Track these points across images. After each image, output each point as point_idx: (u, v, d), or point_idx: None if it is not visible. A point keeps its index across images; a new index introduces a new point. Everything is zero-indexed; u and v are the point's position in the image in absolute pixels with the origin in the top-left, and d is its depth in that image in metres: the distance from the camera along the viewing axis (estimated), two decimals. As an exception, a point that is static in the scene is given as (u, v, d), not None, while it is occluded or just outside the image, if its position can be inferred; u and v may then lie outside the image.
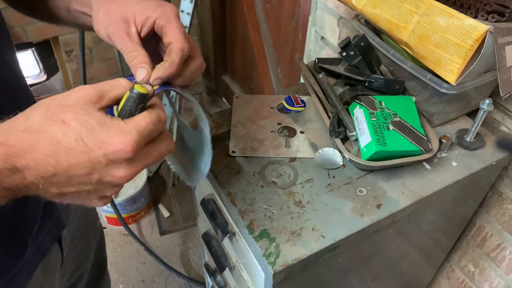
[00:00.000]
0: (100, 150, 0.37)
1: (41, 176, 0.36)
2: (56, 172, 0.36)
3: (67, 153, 0.36)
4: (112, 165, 0.38)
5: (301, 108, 0.80)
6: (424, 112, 0.75)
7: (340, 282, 0.76)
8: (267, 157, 0.71)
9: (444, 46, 0.62)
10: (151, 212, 1.88)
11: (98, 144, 0.37)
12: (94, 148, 0.37)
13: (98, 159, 0.37)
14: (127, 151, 0.37)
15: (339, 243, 0.59)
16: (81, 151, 0.36)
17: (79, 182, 0.38)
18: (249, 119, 0.78)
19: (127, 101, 0.40)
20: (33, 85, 2.13)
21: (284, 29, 1.61)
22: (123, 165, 0.38)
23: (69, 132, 0.36)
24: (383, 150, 0.63)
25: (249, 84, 2.12)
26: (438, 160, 0.71)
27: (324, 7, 1.12)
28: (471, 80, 0.66)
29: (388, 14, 0.70)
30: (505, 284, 0.91)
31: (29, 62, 2.09)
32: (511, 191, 0.82)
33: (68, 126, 0.36)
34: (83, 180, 0.38)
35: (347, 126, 0.70)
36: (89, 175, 0.38)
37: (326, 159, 0.70)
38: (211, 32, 2.26)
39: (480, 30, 0.59)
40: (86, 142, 0.37)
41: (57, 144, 0.36)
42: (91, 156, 0.37)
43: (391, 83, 0.73)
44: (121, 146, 0.37)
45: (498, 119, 0.80)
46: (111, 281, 1.61)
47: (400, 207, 0.63)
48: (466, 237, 0.96)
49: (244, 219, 0.61)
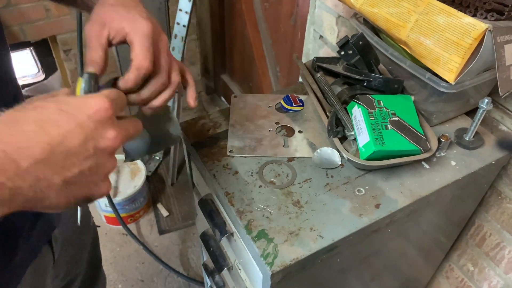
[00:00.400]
0: (83, 114, 0.36)
1: (36, 159, 0.33)
2: (52, 149, 0.34)
3: (55, 126, 0.35)
4: (101, 125, 0.37)
5: (300, 107, 0.79)
6: (423, 111, 0.74)
7: (339, 282, 0.76)
8: (265, 156, 0.70)
9: (443, 45, 0.62)
10: (150, 211, 1.88)
11: (78, 109, 0.37)
12: (77, 113, 0.36)
13: (85, 122, 0.36)
14: (106, 107, 0.38)
15: (338, 243, 0.59)
16: (66, 119, 0.36)
17: (79, 156, 0.36)
18: (247, 119, 0.78)
19: (84, 84, 0.44)
20: (31, 84, 2.13)
21: (282, 28, 1.61)
22: (110, 123, 0.38)
23: (47, 109, 0.36)
24: (381, 149, 0.63)
25: (248, 83, 2.11)
26: (437, 160, 0.71)
27: (322, 5, 1.11)
28: (470, 79, 0.66)
29: (386, 13, 0.69)
30: (504, 283, 0.91)
31: (27, 61, 2.09)
32: (510, 190, 0.81)
33: (43, 106, 0.36)
34: (82, 152, 0.36)
35: (345, 125, 0.70)
36: (84, 144, 0.36)
37: (324, 159, 0.70)
38: (210, 31, 2.25)
39: (479, 29, 0.58)
40: (67, 111, 0.36)
41: (42, 121, 0.35)
42: (78, 120, 0.36)
43: (390, 82, 0.73)
44: (98, 105, 0.37)
45: (497, 118, 0.80)
46: (110, 280, 1.61)
47: (399, 207, 0.63)
48: (465, 237, 0.96)
49: (242, 219, 0.60)
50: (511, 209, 0.83)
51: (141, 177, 1.74)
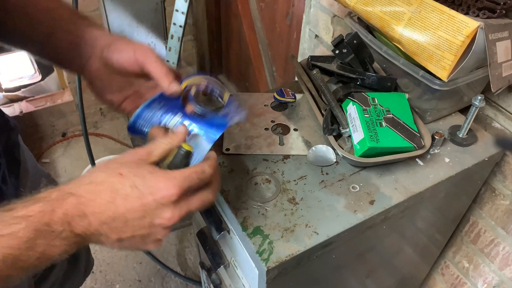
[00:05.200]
0: (151, 195, 0.44)
1: (103, 221, 0.43)
2: (115, 217, 0.43)
3: (124, 199, 0.43)
4: (161, 207, 0.44)
5: (292, 99, 0.80)
6: (416, 109, 0.75)
7: (334, 278, 0.76)
8: (260, 154, 0.71)
9: (436, 42, 0.63)
10: (147, 211, 1.88)
11: (149, 190, 0.44)
12: (146, 193, 0.44)
13: (149, 203, 0.44)
14: (172, 194, 0.44)
15: (333, 239, 0.59)
16: (135, 196, 0.44)
17: (134, 226, 0.44)
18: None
19: (175, 157, 0.49)
20: (28, 85, 2.12)
21: (278, 27, 1.62)
22: (170, 207, 0.45)
23: (125, 181, 0.44)
24: (376, 146, 0.64)
25: (245, 83, 2.12)
26: (431, 156, 0.71)
27: (318, 5, 1.12)
28: (463, 77, 0.67)
29: (380, 11, 0.70)
30: (499, 279, 0.92)
31: (24, 62, 2.08)
32: (503, 186, 0.82)
33: (125, 177, 0.44)
34: (138, 224, 0.44)
35: (340, 122, 0.71)
36: (142, 218, 0.44)
37: (319, 156, 0.70)
38: (206, 31, 2.25)
39: (471, 27, 0.59)
40: (140, 189, 0.44)
41: (116, 192, 0.43)
42: (144, 201, 0.44)
43: (383, 80, 0.73)
44: (167, 191, 0.44)
45: (491, 116, 0.81)
46: (108, 281, 1.61)
47: (393, 203, 0.63)
48: (460, 233, 0.97)
49: (238, 217, 0.61)
50: (505, 206, 0.84)
51: (138, 177, 1.74)
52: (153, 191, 0.44)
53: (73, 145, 2.20)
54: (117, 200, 0.43)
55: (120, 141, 2.21)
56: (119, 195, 0.43)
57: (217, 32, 2.20)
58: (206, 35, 2.27)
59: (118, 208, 0.43)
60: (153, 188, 0.44)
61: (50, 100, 2.17)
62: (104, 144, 2.21)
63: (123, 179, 0.44)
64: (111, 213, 0.43)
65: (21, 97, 2.13)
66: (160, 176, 0.45)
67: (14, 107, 2.10)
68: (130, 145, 2.18)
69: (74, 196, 0.43)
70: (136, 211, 0.44)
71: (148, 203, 0.44)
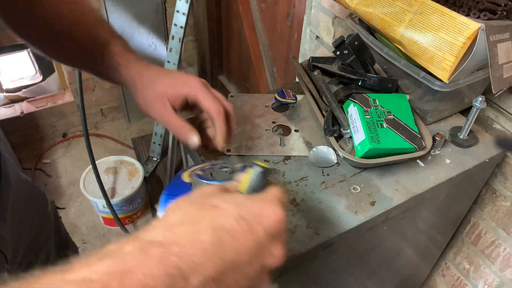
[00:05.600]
0: (260, 225, 0.34)
1: (207, 277, 0.30)
2: (223, 267, 0.31)
3: (232, 236, 0.32)
4: (272, 241, 0.35)
5: (293, 100, 0.80)
6: (418, 110, 0.75)
7: (335, 279, 0.76)
8: (261, 155, 0.71)
9: (437, 44, 0.63)
10: (147, 212, 1.88)
11: (256, 219, 0.34)
12: (254, 223, 0.33)
13: (261, 238, 0.33)
14: (281, 220, 0.35)
15: (334, 241, 0.59)
16: (244, 230, 0.33)
17: (242, 275, 0.33)
18: (244, 118, 0.78)
19: (254, 178, 0.39)
20: (29, 86, 2.13)
21: (279, 28, 1.62)
22: (280, 239, 0.35)
23: (225, 213, 0.33)
24: (377, 147, 0.64)
25: (245, 84, 2.12)
26: (432, 158, 0.71)
27: (319, 6, 1.12)
28: (464, 78, 0.67)
29: (381, 12, 0.70)
30: (500, 281, 0.92)
31: (25, 63, 2.09)
32: (504, 188, 0.82)
33: (222, 208, 0.34)
34: (246, 271, 0.33)
35: (341, 123, 0.71)
36: (252, 262, 0.33)
37: (320, 157, 0.70)
38: (207, 32, 2.26)
39: (472, 28, 0.59)
40: (245, 218, 0.33)
41: (220, 229, 0.32)
42: (255, 235, 0.33)
43: (384, 82, 0.73)
44: (275, 216, 0.35)
45: (491, 117, 0.81)
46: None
47: (394, 204, 0.63)
48: (460, 235, 0.97)
49: (239, 217, 0.61)
50: (506, 207, 0.84)
51: (139, 178, 1.74)
52: (261, 220, 0.34)
53: (74, 145, 2.20)
54: (223, 240, 0.31)
55: (120, 142, 2.22)
56: (225, 232, 0.32)
57: (218, 33, 2.20)
58: (206, 36, 2.28)
59: (227, 253, 0.31)
60: (259, 216, 0.34)
61: (51, 101, 2.17)
62: (104, 144, 2.22)
63: (221, 211, 0.33)
64: (218, 260, 0.31)
65: (22, 97, 2.13)
66: (258, 201, 0.35)
67: (15, 107, 2.10)
68: (130, 145, 2.18)
69: (162, 247, 0.30)
70: (247, 252, 0.32)
71: (259, 237, 0.33)
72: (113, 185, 1.73)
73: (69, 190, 1.95)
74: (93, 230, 1.79)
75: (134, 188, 1.70)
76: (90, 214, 1.85)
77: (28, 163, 2.05)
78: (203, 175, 0.48)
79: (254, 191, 0.39)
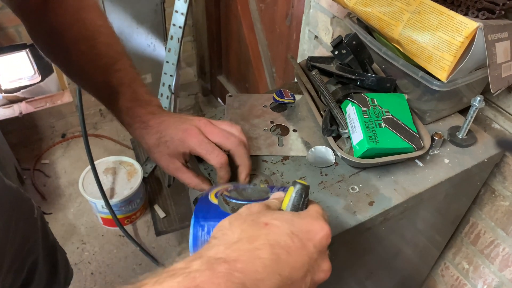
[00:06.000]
0: (310, 242, 0.36)
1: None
2: (281, 282, 0.32)
3: (287, 253, 0.34)
4: (321, 256, 0.37)
5: (291, 100, 0.80)
6: (416, 110, 0.75)
7: (333, 280, 0.75)
8: (260, 155, 0.71)
9: (435, 43, 0.63)
10: (146, 213, 1.88)
11: (307, 235, 0.36)
12: (305, 240, 0.36)
13: (312, 253, 0.35)
14: (328, 235, 0.37)
15: (332, 241, 0.58)
16: (297, 246, 0.35)
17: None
18: (242, 118, 0.78)
19: (295, 195, 0.41)
20: (27, 86, 2.12)
21: (278, 28, 1.61)
22: (326, 254, 0.38)
23: (278, 230, 0.35)
24: (375, 147, 0.64)
25: (244, 84, 2.12)
26: (430, 157, 0.71)
27: (317, 6, 1.12)
28: (462, 77, 0.67)
29: (379, 12, 0.70)
30: (499, 281, 0.91)
31: (24, 63, 2.08)
32: (503, 188, 0.82)
33: (274, 226, 0.35)
34: (299, 287, 0.35)
35: (339, 123, 0.70)
36: (304, 277, 0.35)
37: (318, 157, 0.70)
38: (206, 32, 2.26)
39: (471, 27, 0.59)
40: (297, 235, 0.35)
41: (276, 246, 0.34)
42: (307, 251, 0.35)
43: (382, 81, 0.73)
44: (323, 232, 0.37)
45: (490, 116, 0.81)
46: (107, 282, 1.61)
47: (393, 204, 0.63)
48: (459, 235, 0.97)
49: (237, 218, 0.61)
50: (505, 207, 0.83)
51: (138, 178, 1.74)
52: (311, 236, 0.36)
53: (73, 146, 2.20)
54: (280, 256, 0.33)
55: (119, 142, 2.21)
56: (281, 249, 0.33)
57: (217, 33, 2.19)
58: (205, 36, 2.27)
59: (284, 269, 0.33)
60: (309, 233, 0.36)
61: (50, 101, 2.17)
62: (103, 145, 2.21)
63: (274, 228, 0.35)
64: (276, 276, 0.32)
65: (20, 98, 2.13)
66: (305, 218, 0.37)
67: (13, 108, 2.10)
68: (129, 146, 2.18)
69: (227, 263, 0.31)
70: (301, 268, 0.34)
71: (311, 252, 0.35)
72: (112, 186, 1.73)
73: (68, 191, 1.95)
74: (92, 231, 1.79)
75: (133, 189, 1.69)
76: (89, 215, 1.84)
77: (27, 164, 2.04)
78: (233, 196, 0.51)
79: (295, 208, 0.41)
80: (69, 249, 1.70)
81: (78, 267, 1.65)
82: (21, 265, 0.80)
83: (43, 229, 0.92)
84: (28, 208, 0.87)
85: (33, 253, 0.86)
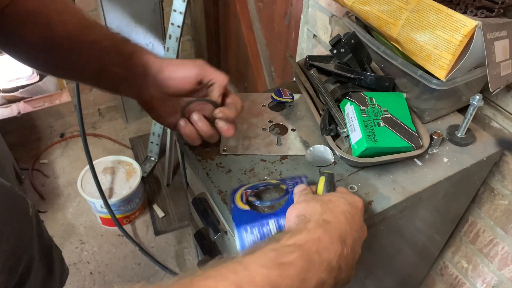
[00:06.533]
0: (358, 208, 0.52)
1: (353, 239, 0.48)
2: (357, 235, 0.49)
3: (352, 216, 0.49)
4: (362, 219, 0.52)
5: (289, 99, 0.80)
6: (415, 109, 0.75)
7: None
8: (258, 155, 0.70)
9: (434, 42, 0.62)
10: (145, 212, 1.87)
11: (355, 204, 0.51)
12: (355, 207, 0.51)
13: (361, 217, 0.52)
14: (363, 206, 0.53)
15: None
16: (354, 212, 0.50)
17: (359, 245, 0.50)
18: (241, 117, 0.78)
19: (327, 182, 0.56)
20: (25, 86, 2.12)
21: (277, 27, 1.61)
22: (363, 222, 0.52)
23: (340, 203, 0.50)
24: (374, 146, 0.63)
25: (243, 83, 2.12)
26: (429, 156, 0.71)
27: (316, 5, 1.12)
28: (461, 76, 0.66)
29: (378, 11, 0.70)
30: (498, 279, 0.91)
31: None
32: (502, 186, 0.82)
33: (336, 201, 0.50)
34: (359, 241, 0.50)
35: (338, 122, 0.70)
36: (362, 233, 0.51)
37: (317, 156, 0.70)
38: (204, 31, 2.25)
39: (469, 26, 0.59)
40: (351, 203, 0.51)
41: (346, 212, 0.49)
42: (359, 214, 0.51)
43: (381, 80, 0.73)
44: (360, 202, 0.53)
45: (489, 115, 0.80)
46: (106, 282, 1.61)
47: (392, 204, 0.63)
48: (459, 233, 0.97)
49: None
50: (504, 206, 0.83)
51: (137, 178, 1.73)
52: (357, 205, 0.51)
53: (72, 145, 2.20)
54: (350, 218, 0.48)
55: (118, 142, 2.21)
56: (349, 214, 0.49)
57: (215, 32, 2.19)
58: (204, 35, 2.27)
59: (355, 226, 0.49)
60: (355, 203, 0.52)
61: (48, 101, 2.16)
62: (102, 144, 2.21)
63: (337, 202, 0.50)
64: (354, 232, 0.48)
65: (19, 97, 2.12)
66: (345, 194, 0.53)
67: (12, 107, 2.09)
68: (128, 145, 2.17)
69: (328, 223, 0.46)
70: (361, 227, 0.50)
71: (361, 216, 0.52)
72: (111, 185, 1.72)
73: (67, 191, 1.94)
74: (91, 231, 1.79)
75: (132, 188, 1.69)
76: (88, 214, 1.84)
77: (26, 164, 2.04)
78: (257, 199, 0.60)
79: (328, 191, 0.55)
80: (68, 249, 1.70)
81: (77, 266, 1.65)
82: (16, 263, 0.80)
83: (38, 227, 0.92)
84: (23, 206, 0.86)
85: (28, 251, 0.85)
